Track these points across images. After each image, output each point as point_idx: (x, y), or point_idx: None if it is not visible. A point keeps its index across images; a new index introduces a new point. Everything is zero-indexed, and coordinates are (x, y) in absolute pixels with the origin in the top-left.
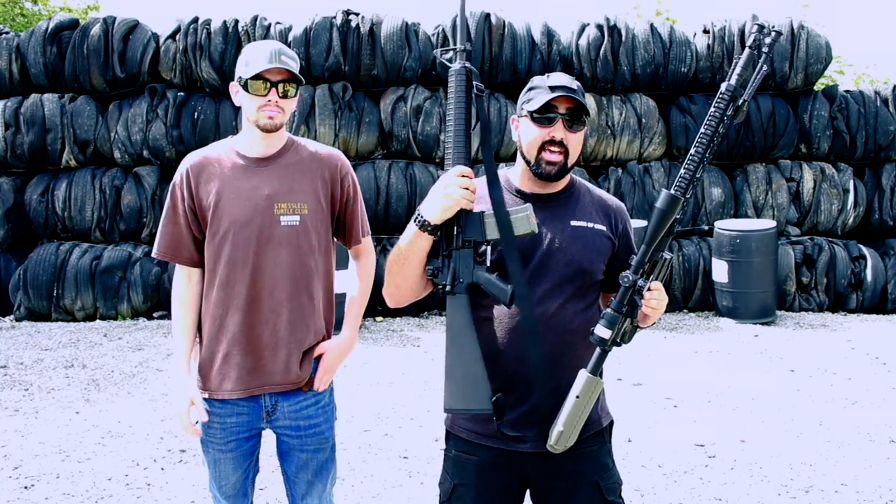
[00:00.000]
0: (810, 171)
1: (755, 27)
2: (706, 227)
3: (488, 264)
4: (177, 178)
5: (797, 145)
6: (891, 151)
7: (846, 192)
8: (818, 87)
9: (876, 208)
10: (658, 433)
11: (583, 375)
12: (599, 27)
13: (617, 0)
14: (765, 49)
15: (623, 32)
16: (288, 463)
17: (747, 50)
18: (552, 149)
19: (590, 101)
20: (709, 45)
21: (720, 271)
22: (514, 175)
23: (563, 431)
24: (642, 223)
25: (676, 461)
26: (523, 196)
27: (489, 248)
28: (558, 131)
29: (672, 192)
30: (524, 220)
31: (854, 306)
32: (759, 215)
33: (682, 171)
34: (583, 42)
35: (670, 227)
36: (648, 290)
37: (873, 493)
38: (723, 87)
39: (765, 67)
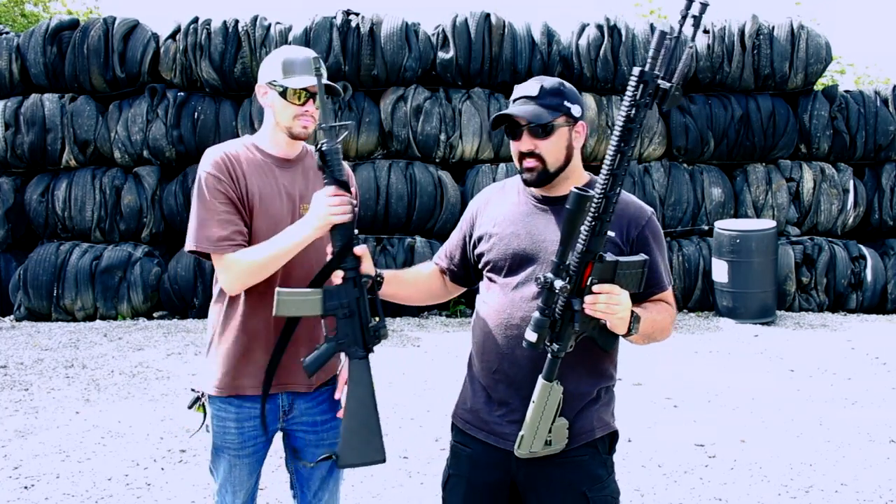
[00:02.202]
0: (810, 171)
1: (685, 1)
2: (706, 227)
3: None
4: (210, 170)
5: (797, 145)
6: (891, 151)
7: (846, 192)
8: (818, 87)
9: (876, 208)
10: (658, 433)
11: (539, 381)
12: (599, 27)
13: (616, 0)
14: (690, 25)
15: (623, 32)
16: (302, 460)
17: (657, 31)
18: (527, 160)
19: (589, 101)
20: (709, 45)
21: (720, 271)
22: None
23: (524, 436)
24: None
25: (676, 461)
26: (536, 199)
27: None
28: (524, 144)
29: (578, 190)
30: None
31: (854, 306)
32: (759, 215)
33: (603, 166)
34: (583, 42)
35: (600, 226)
36: (592, 292)
37: (873, 493)
38: (634, 70)
39: (692, 45)
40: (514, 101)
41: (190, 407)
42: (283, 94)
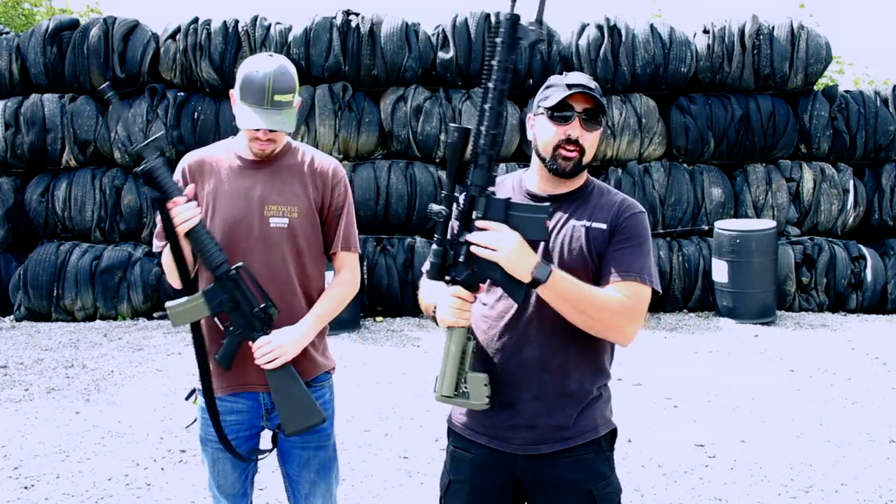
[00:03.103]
0: (810, 171)
1: None
2: (706, 227)
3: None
4: (177, 173)
5: (797, 145)
6: (891, 151)
7: (846, 192)
8: (818, 87)
9: (876, 208)
10: (658, 433)
11: None
12: (599, 27)
13: (617, 0)
14: None
15: (623, 32)
16: (289, 463)
17: None
18: (568, 147)
19: None
20: (709, 45)
21: (720, 271)
22: (528, 177)
23: (437, 377)
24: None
25: (676, 461)
26: (534, 198)
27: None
28: (574, 129)
29: (456, 125)
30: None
31: (854, 306)
32: (759, 215)
33: (486, 103)
34: (583, 42)
35: (486, 162)
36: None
37: (873, 493)
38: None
39: None
40: (571, 86)
41: (187, 398)
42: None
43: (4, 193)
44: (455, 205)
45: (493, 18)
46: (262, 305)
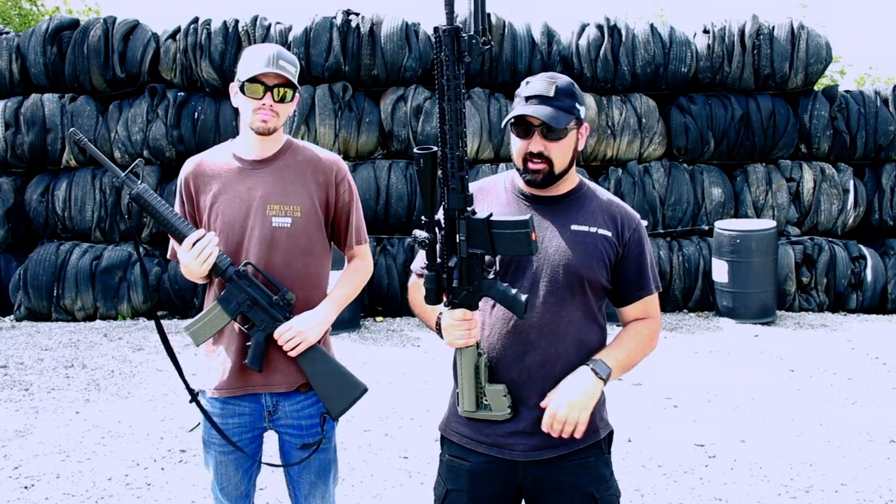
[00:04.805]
0: (810, 171)
1: None
2: (706, 227)
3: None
4: (178, 184)
5: (797, 145)
6: (891, 151)
7: (846, 192)
8: (818, 87)
9: (876, 208)
10: (658, 433)
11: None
12: (599, 27)
13: (617, 0)
14: None
15: (623, 32)
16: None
17: None
18: (534, 160)
19: (589, 101)
20: (709, 45)
21: (720, 271)
22: (518, 177)
23: (457, 393)
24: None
25: (676, 461)
26: (526, 198)
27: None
28: (535, 144)
29: (420, 149)
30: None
31: (854, 306)
32: (759, 215)
33: (445, 125)
34: (583, 42)
35: (457, 184)
36: (472, 253)
37: (873, 493)
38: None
39: None
40: (528, 98)
41: (191, 401)
42: (243, 89)
43: (4, 193)
44: (438, 229)
45: (432, 34)
46: (279, 294)
